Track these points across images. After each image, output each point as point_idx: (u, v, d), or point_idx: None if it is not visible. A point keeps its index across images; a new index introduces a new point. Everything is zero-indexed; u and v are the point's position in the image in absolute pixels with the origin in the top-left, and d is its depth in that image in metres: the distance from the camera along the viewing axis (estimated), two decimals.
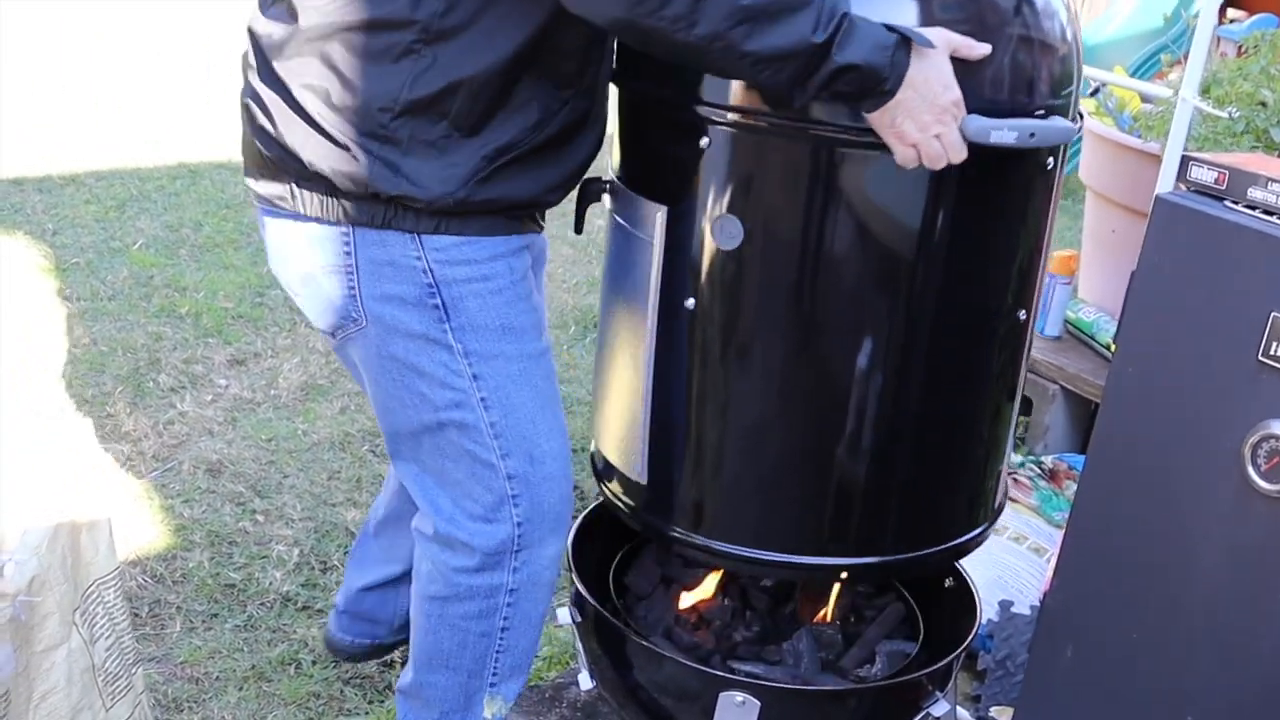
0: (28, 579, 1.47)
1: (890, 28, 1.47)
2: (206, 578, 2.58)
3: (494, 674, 1.87)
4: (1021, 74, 1.57)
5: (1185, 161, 1.64)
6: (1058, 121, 1.57)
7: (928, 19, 1.51)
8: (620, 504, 1.86)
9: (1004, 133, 1.51)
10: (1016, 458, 2.77)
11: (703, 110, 1.58)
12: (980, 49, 1.52)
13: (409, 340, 1.68)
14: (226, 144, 5.15)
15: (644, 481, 1.79)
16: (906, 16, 1.51)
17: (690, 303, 1.66)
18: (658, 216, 1.66)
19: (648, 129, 1.71)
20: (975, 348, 1.71)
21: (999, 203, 1.65)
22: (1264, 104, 2.49)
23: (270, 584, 2.58)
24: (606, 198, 1.79)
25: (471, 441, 1.73)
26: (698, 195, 1.63)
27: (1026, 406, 2.85)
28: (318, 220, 1.65)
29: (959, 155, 1.52)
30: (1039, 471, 2.71)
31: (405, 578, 2.14)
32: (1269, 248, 1.50)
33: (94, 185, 4.80)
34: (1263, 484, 1.53)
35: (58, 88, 5.90)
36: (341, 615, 2.26)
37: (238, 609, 2.51)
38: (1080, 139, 3.03)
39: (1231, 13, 5.85)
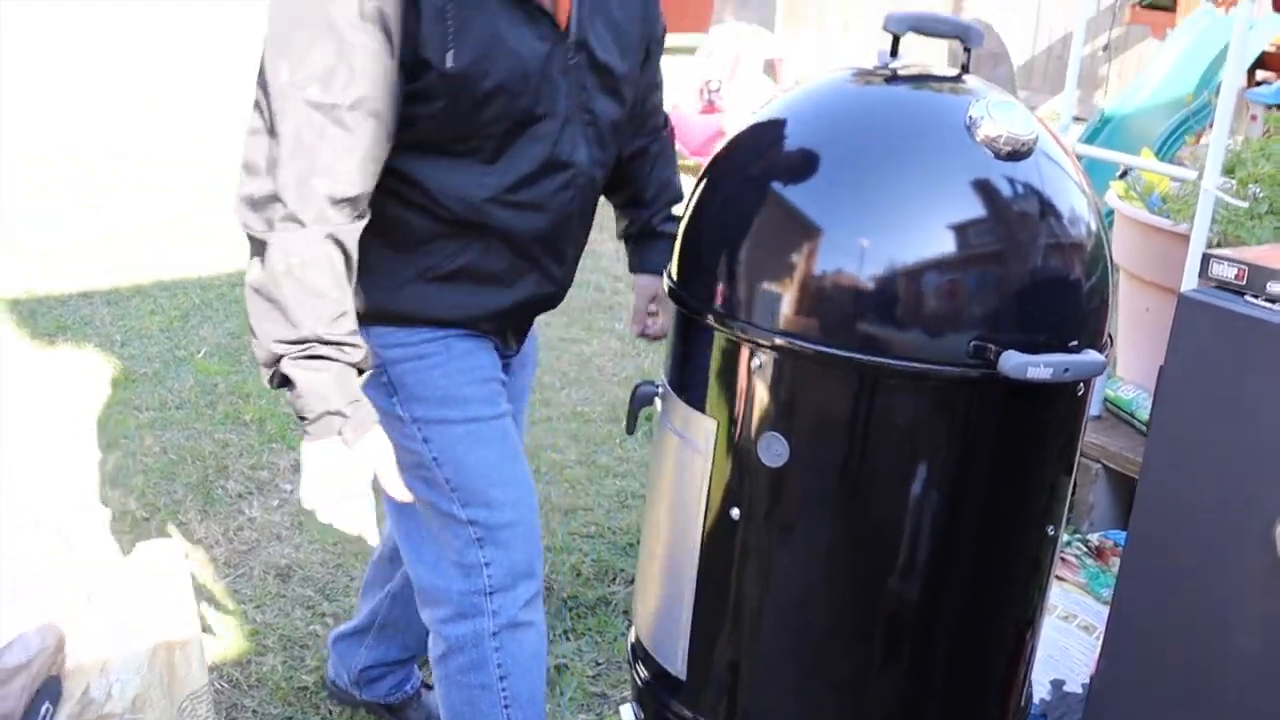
0: (130, 698, 1.57)
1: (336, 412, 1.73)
2: (280, 681, 2.67)
3: None
4: (1053, 308, 1.66)
5: (1206, 259, 1.70)
6: (1090, 355, 1.63)
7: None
8: (656, 695, 1.91)
9: (1040, 369, 1.58)
10: (1063, 536, 2.80)
11: (754, 332, 1.64)
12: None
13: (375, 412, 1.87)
14: None
15: (683, 678, 1.85)
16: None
17: (735, 513, 1.72)
18: (708, 428, 1.72)
19: (700, 344, 1.76)
20: (1007, 564, 1.78)
21: (1034, 430, 1.72)
22: None
23: None
24: (659, 401, 1.86)
25: (435, 496, 1.93)
26: (747, 412, 1.69)
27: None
28: None
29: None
30: (1085, 549, 2.74)
31: (368, 631, 2.47)
32: None
33: (159, 295, 4.97)
34: None
35: (121, 202, 6.09)
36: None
37: (311, 711, 2.59)
38: (1112, 216, 3.09)
39: (1260, 74, 5.89)
